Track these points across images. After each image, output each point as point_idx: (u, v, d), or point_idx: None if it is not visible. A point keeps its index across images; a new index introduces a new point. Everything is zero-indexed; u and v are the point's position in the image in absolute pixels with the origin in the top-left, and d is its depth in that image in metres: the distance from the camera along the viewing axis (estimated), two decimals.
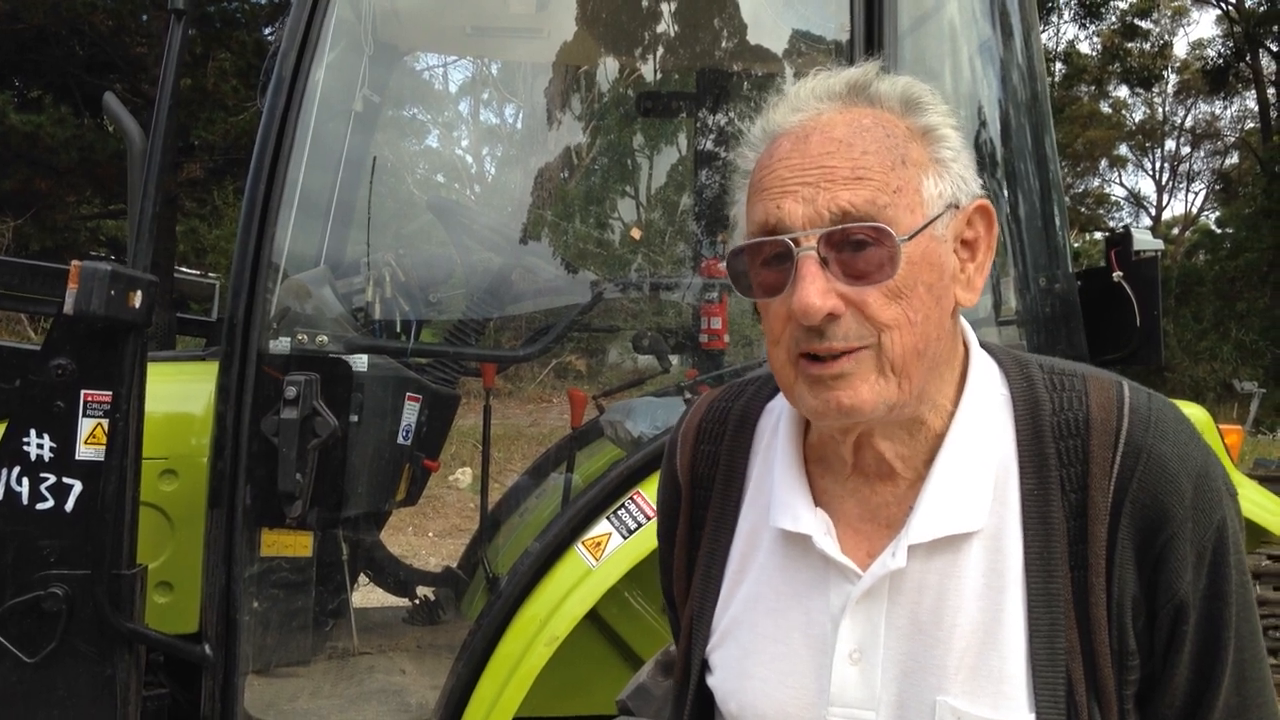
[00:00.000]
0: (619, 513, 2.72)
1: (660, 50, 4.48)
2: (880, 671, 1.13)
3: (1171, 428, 1.12)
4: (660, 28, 4.47)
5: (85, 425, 2.51)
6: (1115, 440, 1.11)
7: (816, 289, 1.05)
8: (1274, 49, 29.41)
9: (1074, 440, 1.13)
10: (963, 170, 1.14)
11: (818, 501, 1.21)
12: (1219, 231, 35.08)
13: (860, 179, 1.06)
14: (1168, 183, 40.98)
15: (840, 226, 1.05)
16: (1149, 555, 1.09)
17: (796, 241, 1.07)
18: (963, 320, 1.20)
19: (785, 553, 1.22)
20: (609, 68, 4.62)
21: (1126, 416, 1.12)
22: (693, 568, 1.33)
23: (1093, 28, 32.70)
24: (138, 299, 2.48)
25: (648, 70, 4.56)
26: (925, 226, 1.08)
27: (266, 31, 14.93)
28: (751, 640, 1.22)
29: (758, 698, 1.20)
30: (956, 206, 1.12)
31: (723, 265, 3.68)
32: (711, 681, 1.26)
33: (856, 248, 1.06)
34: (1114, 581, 1.09)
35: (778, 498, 1.23)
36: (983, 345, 1.23)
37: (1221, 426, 2.99)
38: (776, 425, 1.30)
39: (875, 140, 1.08)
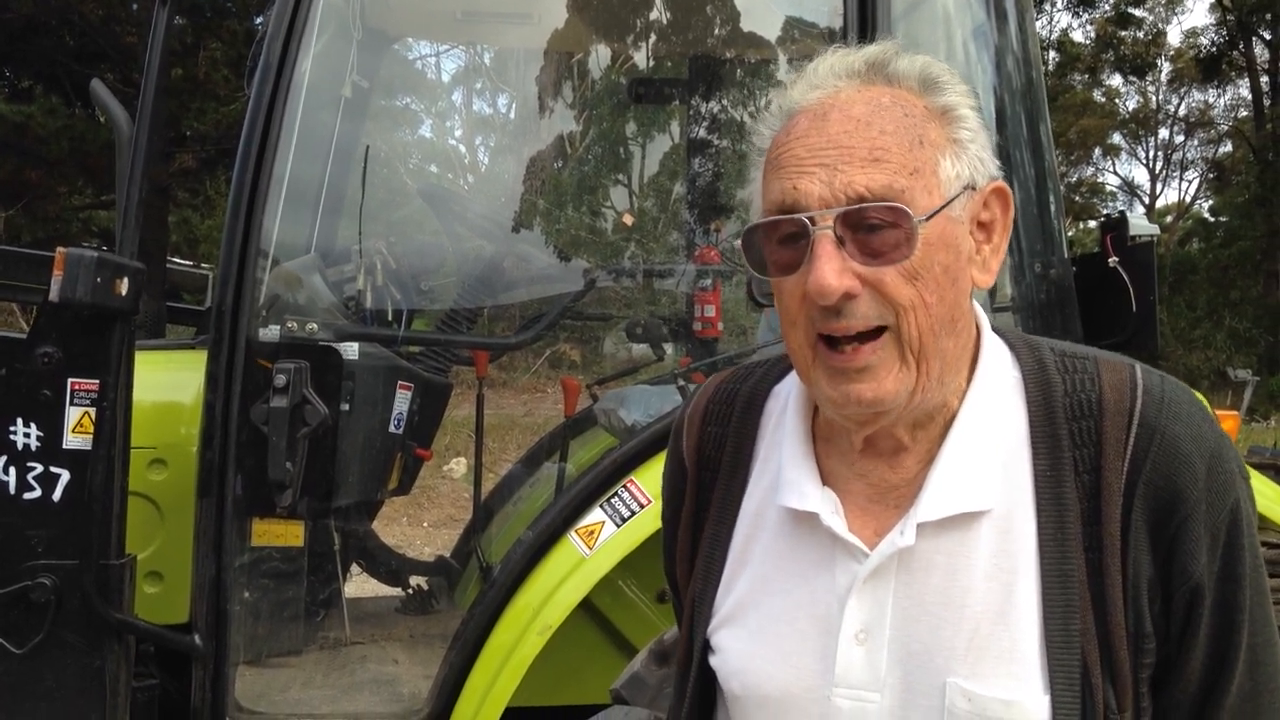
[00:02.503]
0: (612, 501, 2.71)
1: (653, 36, 4.45)
2: (886, 653, 1.12)
3: (1185, 409, 1.11)
4: (653, 14, 4.45)
5: (72, 414, 2.49)
6: (1128, 421, 1.10)
7: (833, 268, 1.04)
8: (1267, 37, 29.39)
9: (1087, 421, 1.12)
10: (980, 151, 1.13)
11: (825, 481, 1.20)
12: (1212, 220, 35.15)
13: (877, 160, 1.05)
14: (1161, 171, 41.00)
15: (860, 205, 1.04)
16: (1163, 537, 1.08)
17: (813, 220, 1.06)
18: (974, 303, 1.20)
19: (792, 532, 1.21)
20: (601, 54, 4.59)
21: (1140, 397, 1.12)
22: (696, 550, 1.32)
23: (1086, 16, 32.69)
24: (124, 286, 2.46)
25: (640, 57, 4.54)
26: (943, 207, 1.07)
27: (257, 20, 14.85)
28: (757, 621, 1.21)
29: (761, 678, 1.19)
30: (973, 188, 1.12)
31: (716, 253, 3.67)
32: (714, 662, 1.25)
33: (873, 228, 1.05)
34: (1129, 563, 1.08)
35: (785, 476, 1.22)
36: (993, 328, 1.22)
37: (1217, 412, 2.97)
38: (784, 407, 1.29)
39: (893, 120, 1.07)
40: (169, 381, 2.98)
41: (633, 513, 2.67)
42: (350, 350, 2.96)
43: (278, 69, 2.76)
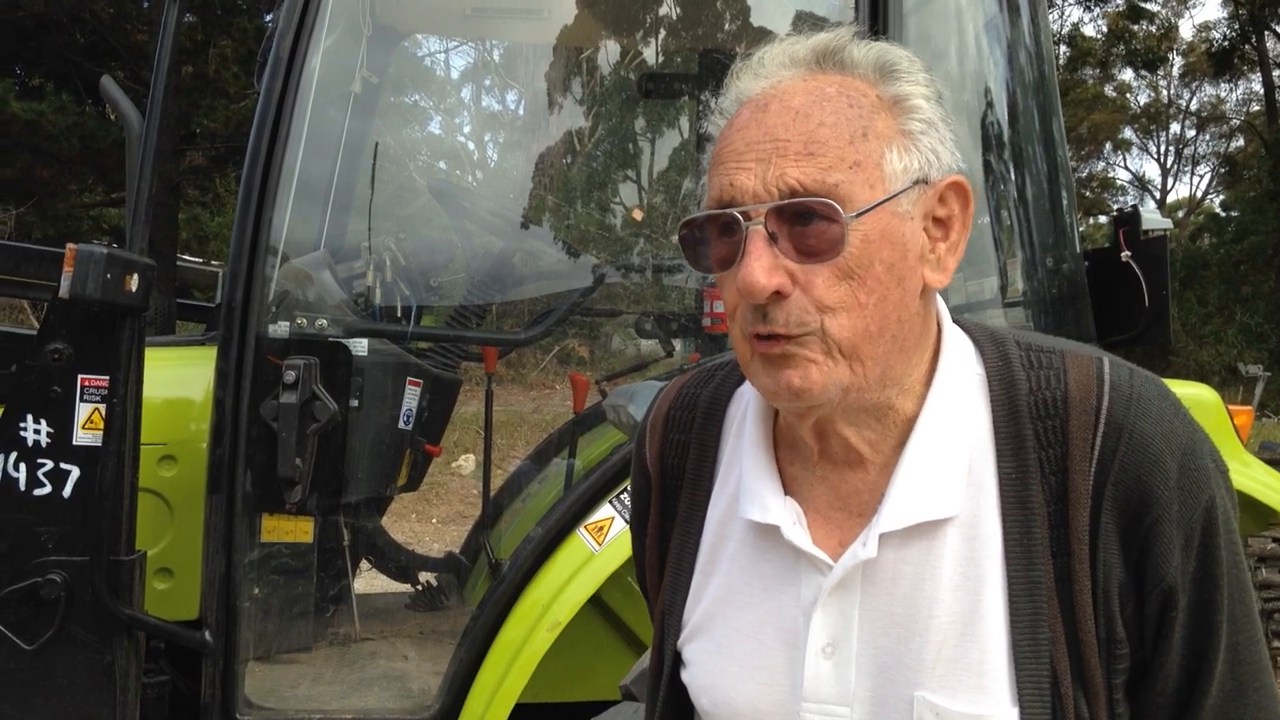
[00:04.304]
0: (622, 496, 2.70)
1: (662, 31, 4.44)
2: (854, 667, 1.08)
3: (1155, 404, 1.07)
4: (663, 9, 4.44)
5: (82, 410, 2.49)
6: (1095, 419, 1.06)
7: (762, 265, 1.01)
8: (1279, 31, 29.26)
9: (1052, 420, 1.08)
10: (935, 143, 1.08)
11: (788, 489, 1.16)
12: (1224, 215, 34.96)
13: (812, 154, 1.01)
14: (1172, 166, 40.93)
15: (789, 201, 1.01)
16: (1134, 540, 1.04)
17: (746, 215, 1.03)
18: (938, 298, 1.15)
19: (755, 544, 1.18)
20: (610, 49, 4.58)
21: (1107, 394, 1.07)
22: (665, 560, 1.29)
23: (1098, 10, 32.55)
24: (134, 282, 2.46)
25: (650, 51, 4.53)
26: (882, 202, 1.02)
27: (267, 18, 14.86)
28: (724, 635, 1.18)
29: (730, 693, 1.16)
30: (926, 182, 1.06)
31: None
32: (685, 676, 1.22)
33: (805, 223, 1.01)
34: (1098, 567, 1.04)
35: (746, 487, 1.18)
36: (958, 322, 1.17)
37: (1231, 408, 2.96)
38: (746, 411, 1.25)
39: (835, 111, 1.03)
40: (179, 378, 2.99)
41: None
42: (360, 346, 2.96)
43: (287, 65, 2.76)
